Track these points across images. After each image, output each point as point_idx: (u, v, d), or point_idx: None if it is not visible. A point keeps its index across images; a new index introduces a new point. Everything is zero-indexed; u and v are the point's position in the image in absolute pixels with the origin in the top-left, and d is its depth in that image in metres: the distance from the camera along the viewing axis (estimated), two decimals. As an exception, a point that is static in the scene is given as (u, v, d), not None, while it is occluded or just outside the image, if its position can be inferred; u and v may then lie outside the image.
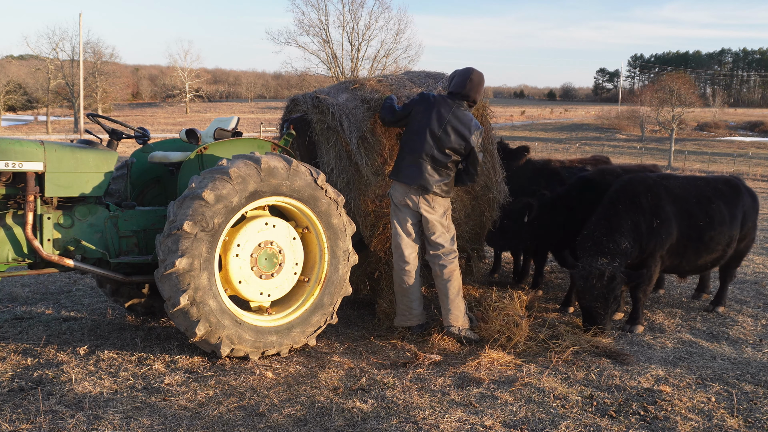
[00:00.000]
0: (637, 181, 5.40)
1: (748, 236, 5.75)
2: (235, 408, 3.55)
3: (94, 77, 54.18)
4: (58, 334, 4.71)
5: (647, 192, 5.26)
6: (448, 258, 4.78)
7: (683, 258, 5.41)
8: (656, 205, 5.21)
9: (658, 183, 5.35)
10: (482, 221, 5.60)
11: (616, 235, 5.05)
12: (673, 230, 5.23)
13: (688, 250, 5.36)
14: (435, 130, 4.61)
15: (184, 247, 3.85)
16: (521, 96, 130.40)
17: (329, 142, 5.14)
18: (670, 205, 5.26)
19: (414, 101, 4.77)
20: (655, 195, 5.25)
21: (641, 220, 5.15)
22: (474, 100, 4.77)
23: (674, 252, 5.34)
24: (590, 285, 4.86)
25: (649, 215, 5.17)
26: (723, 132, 62.31)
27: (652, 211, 5.19)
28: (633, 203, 5.18)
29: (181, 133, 4.73)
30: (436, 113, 4.63)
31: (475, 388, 3.91)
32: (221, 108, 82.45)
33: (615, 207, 5.18)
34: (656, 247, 5.19)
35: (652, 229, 5.16)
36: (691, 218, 5.30)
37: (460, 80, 4.73)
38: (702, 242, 5.34)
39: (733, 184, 5.66)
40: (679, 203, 5.31)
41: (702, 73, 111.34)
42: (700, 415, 3.67)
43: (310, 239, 4.54)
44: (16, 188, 4.00)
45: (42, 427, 3.25)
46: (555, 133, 60.42)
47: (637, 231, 5.13)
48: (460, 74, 4.78)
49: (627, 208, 5.16)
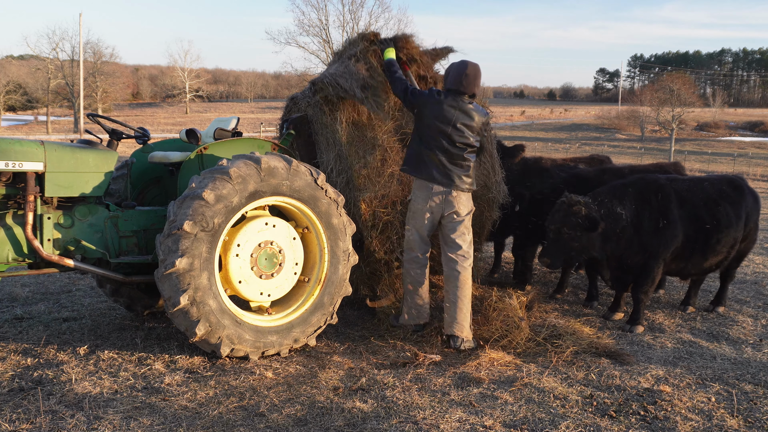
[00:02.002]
0: (650, 179, 5.46)
1: (749, 236, 5.76)
2: (235, 408, 3.55)
3: (94, 77, 54.23)
4: (58, 334, 4.71)
5: (658, 191, 5.30)
6: (464, 263, 4.68)
7: (689, 261, 5.42)
8: (665, 206, 5.23)
9: (668, 185, 5.37)
10: (481, 221, 5.60)
11: (616, 201, 5.20)
12: (679, 234, 5.24)
13: (695, 253, 5.37)
14: (445, 129, 4.58)
15: (184, 247, 3.85)
16: (521, 96, 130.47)
17: (328, 141, 5.14)
18: (678, 209, 5.27)
19: (423, 96, 4.68)
20: (665, 196, 5.28)
21: (646, 215, 5.19)
22: (473, 94, 4.72)
23: (680, 256, 5.34)
24: (563, 208, 5.12)
25: (656, 213, 5.21)
26: (723, 132, 62.33)
27: (661, 210, 5.21)
28: (642, 197, 5.27)
29: (181, 133, 4.73)
30: (445, 112, 4.59)
31: (475, 388, 3.91)
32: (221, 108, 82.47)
33: (626, 189, 5.31)
34: (660, 249, 5.20)
35: (658, 228, 5.18)
36: (699, 222, 5.31)
37: (456, 77, 4.67)
38: (708, 245, 5.34)
39: (737, 184, 5.66)
40: (687, 207, 5.31)
41: (702, 73, 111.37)
42: (700, 415, 3.67)
43: (310, 239, 4.54)
44: (16, 188, 4.00)
45: (42, 427, 3.25)
46: (555, 133, 60.42)
47: (638, 220, 5.19)
48: (454, 70, 4.71)
49: (636, 197, 5.26)
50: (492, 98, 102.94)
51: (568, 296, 6.31)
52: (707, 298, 6.28)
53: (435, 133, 4.60)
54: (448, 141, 4.60)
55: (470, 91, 4.67)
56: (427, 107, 4.63)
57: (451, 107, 4.60)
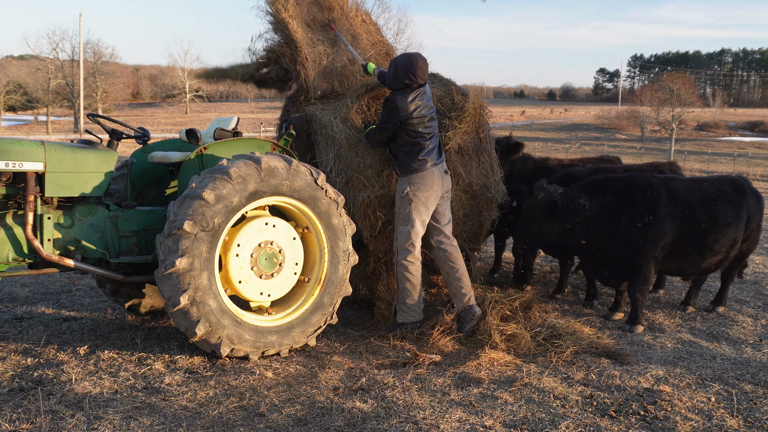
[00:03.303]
0: (640, 176, 5.49)
1: (751, 237, 5.73)
2: (235, 408, 3.55)
3: (94, 77, 54.18)
4: (58, 334, 4.71)
5: (647, 189, 5.31)
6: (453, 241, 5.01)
7: (685, 261, 5.41)
8: (653, 203, 5.24)
9: (661, 183, 5.37)
10: (480, 221, 5.60)
11: (584, 194, 5.39)
12: (667, 231, 5.23)
13: (691, 253, 5.36)
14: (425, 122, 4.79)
15: (184, 247, 3.85)
16: (521, 96, 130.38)
17: (327, 141, 5.14)
18: (669, 207, 5.27)
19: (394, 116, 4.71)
20: (655, 193, 5.28)
21: (627, 210, 5.25)
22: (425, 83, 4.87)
23: (674, 254, 5.34)
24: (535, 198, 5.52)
25: (641, 209, 5.23)
26: (723, 132, 62.26)
27: (647, 207, 5.22)
28: (625, 192, 5.33)
29: (181, 133, 4.73)
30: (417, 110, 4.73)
31: (475, 388, 3.92)
32: (221, 108, 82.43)
33: (605, 184, 5.46)
34: (646, 245, 5.21)
35: (642, 224, 5.20)
36: (694, 221, 5.30)
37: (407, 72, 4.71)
38: (705, 245, 5.34)
39: (738, 185, 5.64)
40: (681, 206, 5.31)
41: (702, 73, 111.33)
42: (700, 415, 3.67)
43: (310, 239, 4.54)
44: (17, 188, 4.01)
45: (42, 427, 3.25)
46: (555, 133, 60.40)
47: (616, 215, 5.27)
48: (403, 67, 4.73)
49: (616, 192, 5.35)
50: (492, 98, 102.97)
51: (568, 296, 6.31)
52: (707, 298, 6.28)
53: (421, 131, 4.77)
54: (433, 127, 4.87)
55: (424, 81, 4.84)
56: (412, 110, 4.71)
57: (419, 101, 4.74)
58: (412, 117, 4.70)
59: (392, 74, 4.80)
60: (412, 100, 4.70)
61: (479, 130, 5.51)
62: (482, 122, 5.51)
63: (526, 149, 6.84)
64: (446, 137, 5.17)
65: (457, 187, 5.34)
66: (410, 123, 4.72)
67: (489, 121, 5.65)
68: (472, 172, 5.42)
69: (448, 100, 5.44)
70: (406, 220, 4.81)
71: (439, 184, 4.84)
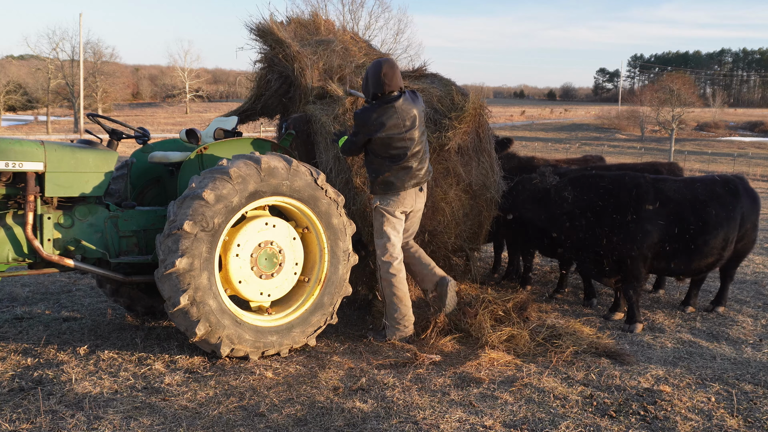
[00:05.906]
0: (630, 176, 5.49)
1: (746, 237, 5.71)
2: (235, 408, 3.55)
3: (94, 77, 54.18)
4: (58, 334, 4.71)
5: (633, 188, 5.33)
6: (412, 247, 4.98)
7: (671, 261, 5.39)
8: (637, 202, 5.26)
9: (648, 183, 5.38)
10: (480, 221, 5.60)
11: (569, 188, 5.44)
12: (651, 230, 5.23)
13: (678, 253, 5.35)
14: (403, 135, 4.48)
15: (184, 247, 3.85)
16: (521, 96, 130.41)
17: (327, 141, 5.15)
18: (656, 206, 5.27)
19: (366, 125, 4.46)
20: (641, 193, 5.30)
21: (610, 207, 5.28)
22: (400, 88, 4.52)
23: (662, 254, 5.34)
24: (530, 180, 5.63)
25: (625, 208, 5.25)
26: (723, 132, 62.29)
27: (632, 206, 5.24)
28: (611, 190, 5.34)
29: (181, 133, 4.74)
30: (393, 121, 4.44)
31: (475, 388, 3.92)
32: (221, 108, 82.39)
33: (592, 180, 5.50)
34: (630, 244, 5.22)
35: (624, 222, 5.22)
36: (682, 222, 5.29)
37: (376, 81, 4.46)
38: (695, 246, 5.32)
39: (732, 185, 5.61)
40: (669, 206, 5.30)
41: (702, 73, 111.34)
42: (700, 415, 3.67)
43: (310, 239, 4.54)
44: (17, 188, 4.01)
45: (42, 427, 3.25)
46: (555, 133, 60.42)
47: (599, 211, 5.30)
48: (372, 75, 4.47)
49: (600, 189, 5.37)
50: (492, 98, 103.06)
51: (568, 296, 6.31)
52: (707, 298, 6.28)
53: (396, 144, 4.49)
54: (410, 143, 4.52)
55: (396, 87, 4.49)
56: (375, 130, 4.45)
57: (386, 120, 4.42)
58: (375, 136, 4.45)
59: (364, 87, 4.63)
60: (377, 117, 4.41)
61: (479, 130, 5.51)
62: (482, 122, 5.52)
63: (526, 150, 6.88)
64: (446, 137, 5.17)
65: (457, 187, 5.34)
66: (375, 141, 4.48)
67: (489, 121, 5.65)
68: (471, 172, 5.42)
69: (447, 101, 5.44)
70: (380, 233, 4.67)
71: (410, 203, 4.65)
